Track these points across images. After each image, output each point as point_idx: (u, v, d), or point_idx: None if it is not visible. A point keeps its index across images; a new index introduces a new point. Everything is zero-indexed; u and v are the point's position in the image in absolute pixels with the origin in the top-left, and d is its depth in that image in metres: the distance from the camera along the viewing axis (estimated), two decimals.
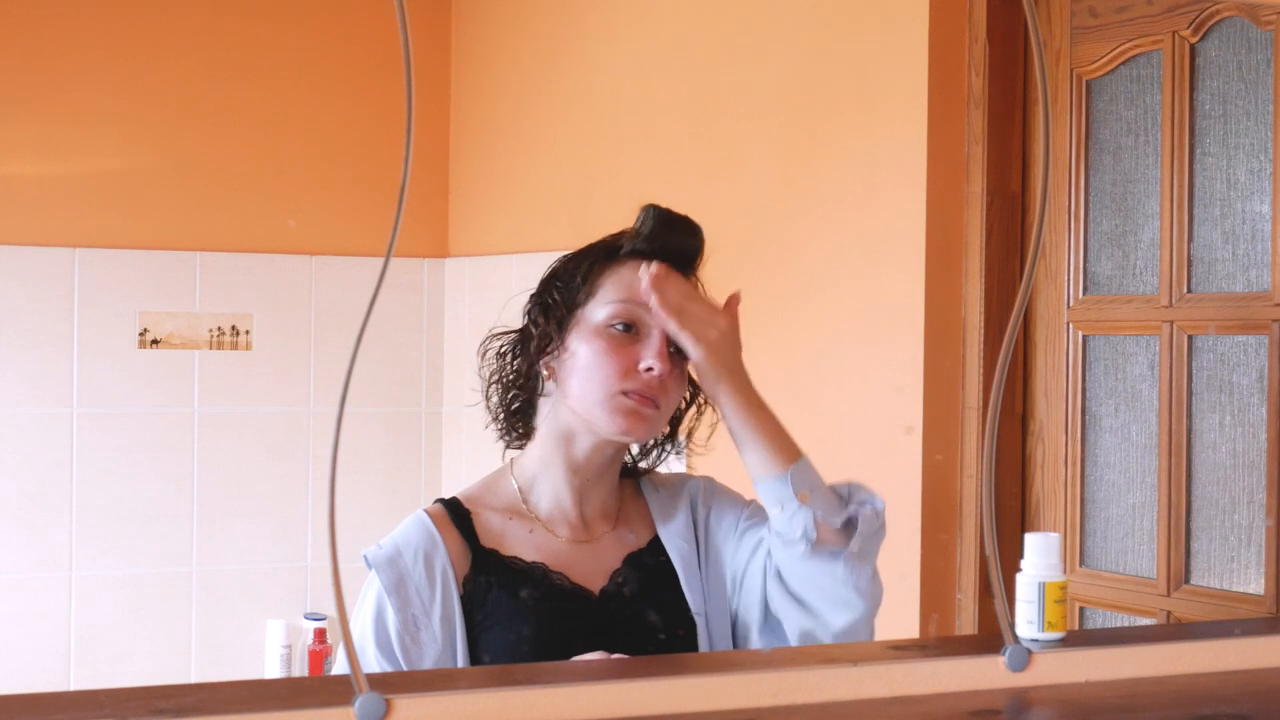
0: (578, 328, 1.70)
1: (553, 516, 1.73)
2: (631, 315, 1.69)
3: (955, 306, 2.57)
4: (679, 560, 1.74)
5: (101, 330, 3.94)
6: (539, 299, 1.74)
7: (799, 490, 1.65)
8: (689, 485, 1.81)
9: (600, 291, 1.70)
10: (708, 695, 1.28)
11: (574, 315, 1.70)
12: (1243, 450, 2.26)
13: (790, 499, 1.65)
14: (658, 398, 1.68)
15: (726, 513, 1.78)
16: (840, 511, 1.66)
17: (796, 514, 1.65)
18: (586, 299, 1.70)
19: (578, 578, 1.70)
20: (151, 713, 1.12)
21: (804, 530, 1.64)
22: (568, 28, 3.77)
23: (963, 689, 1.35)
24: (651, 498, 1.80)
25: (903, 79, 2.61)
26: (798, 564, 1.65)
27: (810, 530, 1.64)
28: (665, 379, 1.68)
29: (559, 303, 1.71)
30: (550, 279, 1.74)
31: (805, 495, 1.65)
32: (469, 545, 1.69)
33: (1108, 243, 2.49)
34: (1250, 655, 1.49)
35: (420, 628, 1.64)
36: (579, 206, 3.53)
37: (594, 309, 1.70)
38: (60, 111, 3.95)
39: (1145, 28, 2.42)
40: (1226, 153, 2.30)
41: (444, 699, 1.19)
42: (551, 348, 1.71)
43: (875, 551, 1.69)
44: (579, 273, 1.71)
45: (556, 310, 1.71)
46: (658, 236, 1.71)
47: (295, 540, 4.09)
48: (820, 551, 1.64)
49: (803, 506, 1.65)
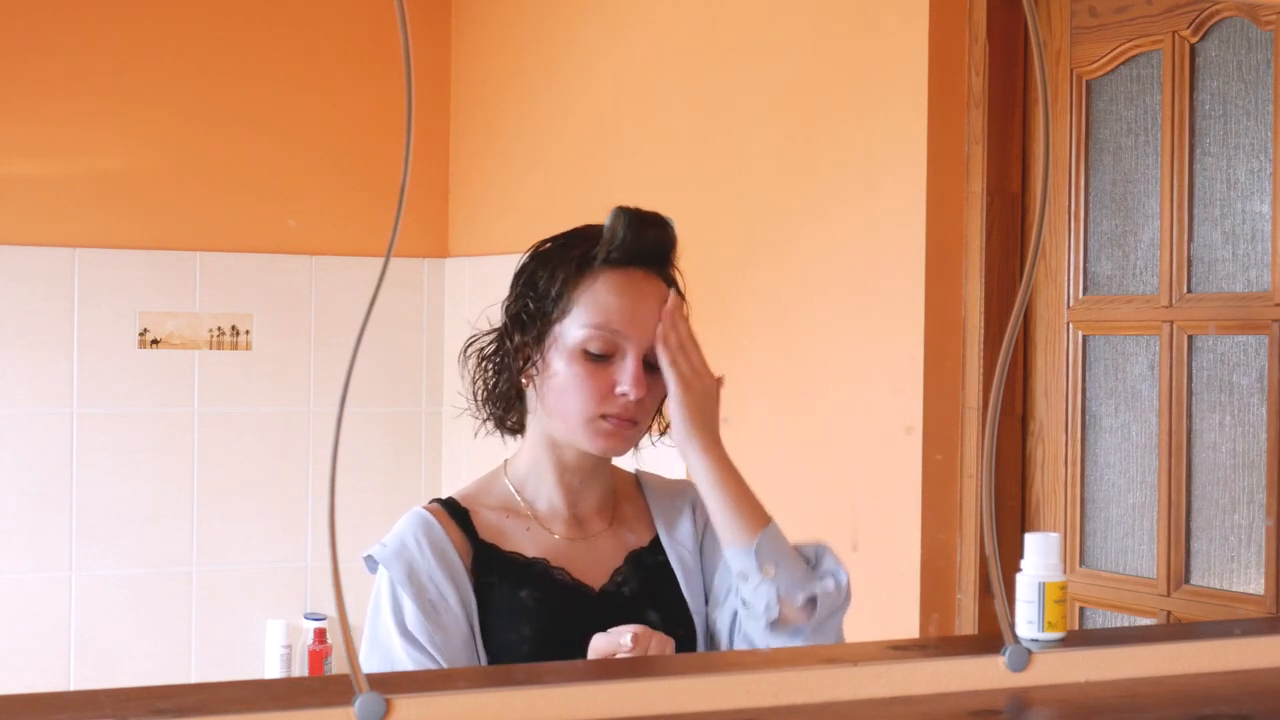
0: (554, 345, 1.69)
1: (549, 514, 1.74)
2: (606, 343, 1.68)
3: (955, 306, 2.57)
4: (679, 562, 1.75)
5: (101, 330, 3.94)
6: (514, 310, 1.73)
7: (764, 564, 1.65)
8: (692, 492, 1.81)
9: (575, 310, 1.68)
10: (708, 695, 1.28)
11: (550, 331, 1.69)
12: (1243, 450, 2.26)
13: (754, 571, 1.65)
14: (635, 416, 1.69)
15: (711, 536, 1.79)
16: (805, 583, 1.66)
17: (760, 587, 1.65)
18: (561, 315, 1.69)
19: (578, 574, 1.71)
20: (151, 713, 1.12)
21: (766, 605, 1.65)
22: (568, 28, 3.77)
23: (963, 689, 1.35)
24: (653, 498, 1.80)
25: (903, 79, 2.61)
26: (759, 634, 1.67)
27: (773, 607, 1.64)
28: (644, 398, 1.68)
29: (534, 317, 1.70)
30: (525, 286, 1.73)
31: (770, 570, 1.65)
32: (470, 541, 1.70)
33: (1108, 243, 2.49)
34: (1250, 655, 1.49)
35: (440, 610, 1.64)
36: (579, 207, 3.51)
37: (569, 328, 1.68)
38: (60, 111, 3.94)
39: (1145, 28, 2.42)
40: (1226, 153, 2.30)
41: (444, 699, 1.19)
42: (530, 363, 1.71)
43: (838, 626, 1.70)
44: (553, 285, 1.69)
45: (532, 325, 1.70)
46: (631, 242, 1.69)
47: (295, 540, 4.10)
48: (782, 628, 1.65)
49: (766, 579, 1.65)
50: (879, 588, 2.62)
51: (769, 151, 3.00)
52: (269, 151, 4.10)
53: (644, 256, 1.70)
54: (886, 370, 2.63)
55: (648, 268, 1.71)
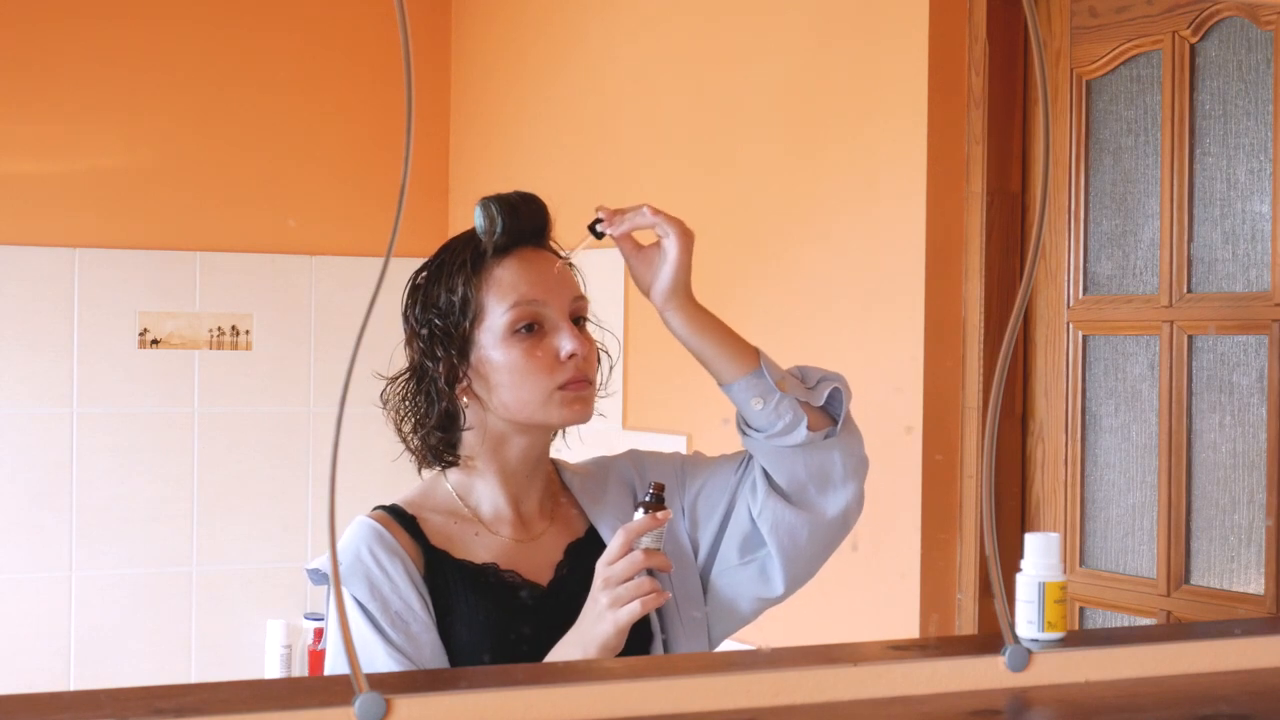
0: (480, 348, 1.70)
1: (494, 518, 1.74)
2: (531, 314, 1.69)
3: (955, 306, 2.57)
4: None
5: (101, 330, 3.94)
6: (425, 335, 1.72)
7: (777, 379, 1.70)
8: (615, 466, 1.82)
9: (487, 305, 1.69)
10: (708, 695, 1.28)
11: (471, 339, 1.70)
12: (1243, 450, 2.26)
13: (771, 390, 1.69)
14: (588, 374, 1.71)
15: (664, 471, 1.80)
16: (811, 390, 1.71)
17: (781, 402, 1.69)
18: (477, 318, 1.69)
19: (528, 574, 1.72)
20: (151, 713, 1.12)
21: (794, 415, 1.68)
22: (568, 29, 3.77)
23: (963, 689, 1.35)
24: (576, 487, 1.80)
25: (903, 79, 2.61)
26: (796, 458, 1.70)
27: (799, 413, 1.69)
28: (587, 354, 1.70)
29: (448, 333, 1.70)
30: (423, 312, 1.72)
31: (783, 383, 1.70)
32: (421, 547, 1.70)
33: (1108, 243, 2.49)
34: (1250, 655, 1.49)
35: (409, 620, 1.64)
36: (579, 207, 3.52)
37: (491, 322, 1.69)
38: (60, 111, 3.95)
39: (1145, 28, 2.42)
40: (1226, 153, 2.30)
41: (444, 699, 1.19)
42: (462, 378, 1.71)
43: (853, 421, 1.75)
44: (454, 295, 1.70)
45: (450, 342, 1.70)
46: (510, 225, 1.70)
47: (295, 540, 4.09)
48: (814, 436, 1.69)
49: (784, 394, 1.69)
50: (879, 588, 2.62)
51: (769, 151, 3.00)
52: (269, 151, 4.10)
53: (526, 235, 1.72)
54: (886, 370, 2.63)
55: (533, 245, 1.73)
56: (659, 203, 1.75)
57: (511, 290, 1.69)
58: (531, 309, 1.69)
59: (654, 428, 3.21)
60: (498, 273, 1.70)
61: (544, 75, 3.86)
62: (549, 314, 1.70)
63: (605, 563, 1.62)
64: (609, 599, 1.60)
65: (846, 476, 1.74)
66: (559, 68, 3.80)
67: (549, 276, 1.71)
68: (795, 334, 2.87)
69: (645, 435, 3.19)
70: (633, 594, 1.59)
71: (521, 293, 1.69)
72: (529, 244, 1.73)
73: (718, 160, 3.12)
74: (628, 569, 1.60)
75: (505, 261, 1.71)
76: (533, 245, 1.73)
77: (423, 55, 4.12)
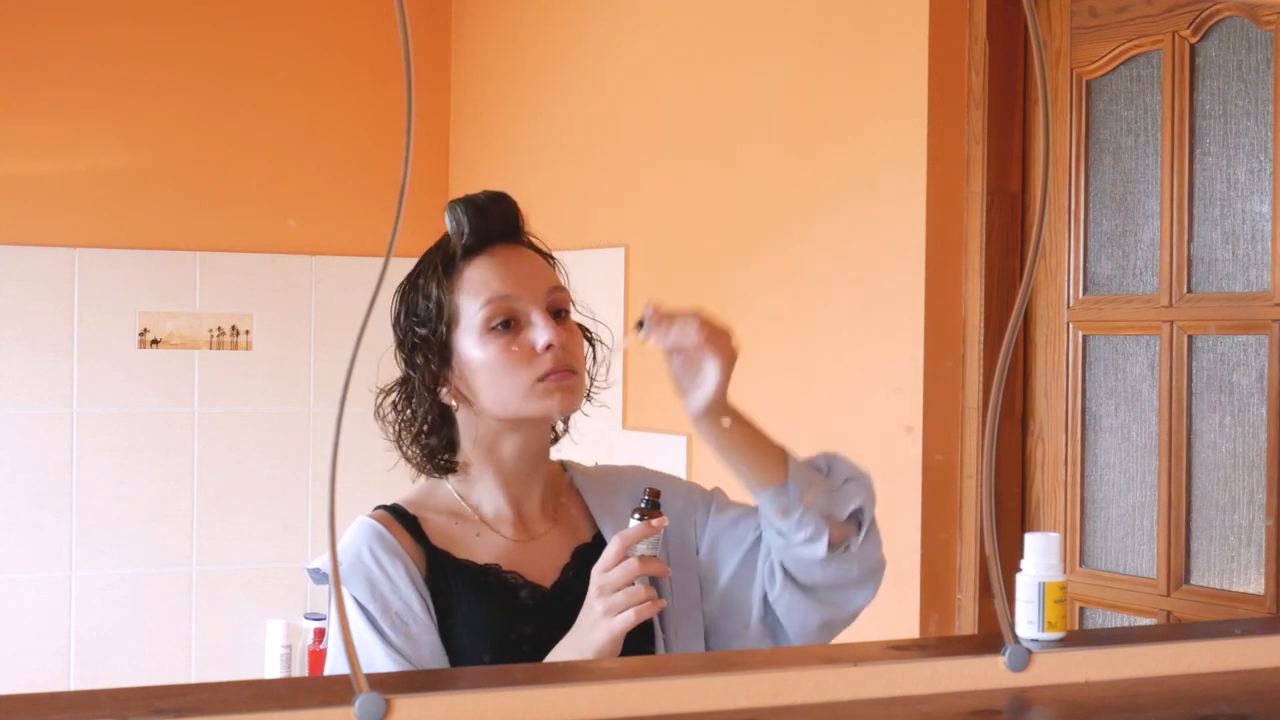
0: (461, 350, 1.70)
1: (495, 518, 1.74)
2: (505, 310, 1.69)
3: (955, 306, 2.57)
4: None
5: (101, 330, 3.94)
6: (408, 344, 1.73)
7: (803, 494, 1.66)
8: (629, 477, 1.81)
9: (462, 306, 1.69)
10: (708, 695, 1.28)
11: (450, 342, 1.70)
12: (1243, 450, 2.26)
13: (796, 504, 1.66)
14: (570, 363, 1.69)
15: (676, 499, 1.77)
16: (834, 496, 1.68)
17: (805, 516, 1.66)
18: (453, 321, 1.70)
19: (530, 575, 1.71)
20: (151, 713, 1.12)
21: (816, 531, 1.66)
22: (568, 28, 3.77)
23: (963, 689, 1.35)
24: (588, 493, 1.80)
25: (903, 79, 2.61)
26: (815, 567, 1.68)
27: (822, 526, 1.66)
28: (566, 343, 1.69)
29: (428, 340, 1.70)
30: (406, 321, 1.73)
31: (809, 498, 1.66)
32: (422, 547, 1.69)
33: (1108, 243, 2.49)
34: (1250, 655, 1.49)
35: (409, 621, 1.64)
36: (579, 207, 3.53)
37: (467, 323, 1.69)
38: (60, 111, 3.95)
39: (1145, 28, 2.42)
40: (1226, 153, 2.30)
41: (444, 699, 1.19)
42: (445, 381, 1.71)
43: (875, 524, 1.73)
44: (430, 302, 1.70)
45: (432, 348, 1.70)
46: (479, 226, 1.71)
47: (295, 540, 4.10)
48: (835, 551, 1.67)
49: (809, 509, 1.66)
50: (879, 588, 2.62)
51: (769, 152, 3.00)
52: (269, 152, 4.11)
53: (496, 234, 1.72)
54: (886, 370, 2.63)
55: (505, 243, 1.73)
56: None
57: (483, 288, 1.69)
58: (505, 304, 1.69)
59: (654, 428, 3.21)
60: (468, 273, 1.70)
61: (544, 75, 3.86)
62: (523, 308, 1.69)
63: (600, 569, 1.61)
64: (604, 606, 1.59)
65: (863, 582, 1.73)
66: (559, 68, 3.80)
67: (521, 271, 1.71)
68: (795, 334, 2.87)
69: (645, 435, 3.19)
70: (628, 602, 1.58)
71: (493, 289, 1.69)
72: (499, 242, 1.72)
73: (717, 160, 3.12)
74: (623, 576, 1.59)
75: (475, 261, 1.71)
76: (504, 243, 1.73)
77: (423, 55, 4.12)
